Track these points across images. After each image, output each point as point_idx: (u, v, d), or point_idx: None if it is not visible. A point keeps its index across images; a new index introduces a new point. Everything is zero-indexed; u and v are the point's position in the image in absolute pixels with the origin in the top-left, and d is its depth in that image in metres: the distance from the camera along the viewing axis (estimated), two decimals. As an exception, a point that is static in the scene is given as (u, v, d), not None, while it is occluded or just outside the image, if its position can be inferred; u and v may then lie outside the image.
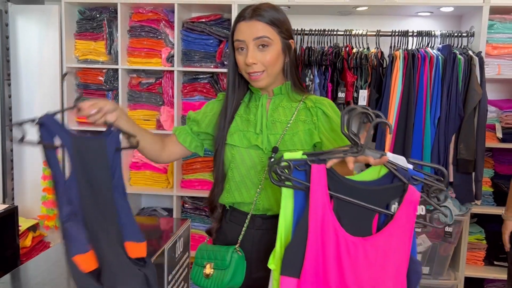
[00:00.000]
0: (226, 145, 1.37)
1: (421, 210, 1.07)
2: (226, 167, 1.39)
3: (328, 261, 1.06)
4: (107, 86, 2.84)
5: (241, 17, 1.30)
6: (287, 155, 1.11)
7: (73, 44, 2.84)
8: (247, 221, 1.34)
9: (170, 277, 1.58)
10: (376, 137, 2.52)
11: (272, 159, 1.26)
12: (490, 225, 2.69)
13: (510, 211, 2.08)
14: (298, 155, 1.11)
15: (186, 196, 2.89)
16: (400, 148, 2.40)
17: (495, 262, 2.71)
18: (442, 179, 1.11)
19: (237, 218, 1.38)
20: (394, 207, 1.08)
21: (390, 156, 1.08)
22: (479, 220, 2.75)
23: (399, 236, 1.08)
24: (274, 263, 1.12)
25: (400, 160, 1.09)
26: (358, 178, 1.12)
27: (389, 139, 2.43)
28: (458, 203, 2.44)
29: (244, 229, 1.34)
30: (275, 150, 1.30)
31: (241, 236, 1.34)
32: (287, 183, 1.09)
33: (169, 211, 2.98)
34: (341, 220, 1.07)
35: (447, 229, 2.43)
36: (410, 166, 1.11)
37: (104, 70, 2.84)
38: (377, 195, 1.09)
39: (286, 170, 1.08)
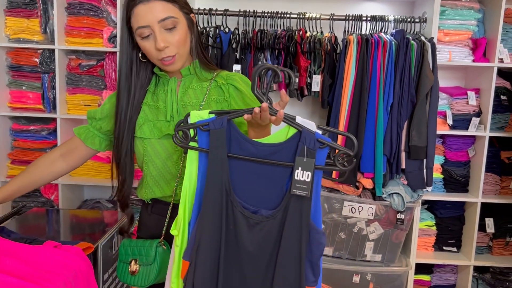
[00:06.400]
0: (136, 138, 1.27)
1: (306, 176, 1.02)
2: (139, 161, 1.29)
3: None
4: (43, 68, 2.60)
5: (134, 0, 1.16)
6: (194, 114, 1.08)
7: (3, 21, 2.57)
8: (169, 211, 1.27)
9: (106, 276, 1.44)
10: (329, 124, 2.48)
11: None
12: (440, 211, 2.72)
13: None
14: (204, 113, 1.08)
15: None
16: (353, 134, 2.35)
17: (444, 248, 2.76)
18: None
19: (159, 209, 1.31)
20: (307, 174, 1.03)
21: (299, 119, 1.05)
22: (430, 206, 2.78)
23: None
24: (176, 228, 1.10)
25: (310, 125, 1.05)
26: (265, 141, 1.09)
27: (342, 125, 2.38)
28: (410, 190, 2.44)
29: (167, 220, 1.27)
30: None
31: (164, 228, 1.26)
32: (191, 144, 1.07)
33: (115, 203, 2.80)
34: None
35: (399, 216, 2.43)
36: (319, 132, 1.06)
37: (39, 51, 2.60)
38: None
39: (192, 131, 1.07)
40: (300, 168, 1.02)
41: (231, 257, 1.08)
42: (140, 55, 1.24)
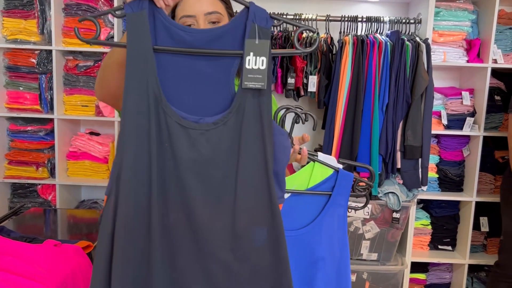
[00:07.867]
0: None
1: (260, 63, 0.83)
2: None
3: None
4: (40, 69, 2.61)
5: None
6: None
7: (0, 22, 2.58)
8: None
9: (105, 274, 1.45)
10: (325, 124, 2.49)
11: None
12: (435, 210, 2.74)
13: None
14: None
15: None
16: (348, 135, 2.38)
17: (439, 246, 2.78)
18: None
19: None
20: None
21: (321, 156, 1.09)
22: (425, 205, 2.80)
23: None
24: None
25: (331, 160, 1.09)
26: (292, 181, 1.08)
27: (338, 125, 2.40)
28: (405, 189, 2.46)
29: None
30: None
31: None
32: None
33: (112, 203, 2.80)
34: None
35: (395, 215, 2.45)
36: (340, 166, 1.11)
37: (36, 52, 2.61)
38: None
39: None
40: (251, 54, 0.80)
41: (168, 184, 0.82)
42: None
